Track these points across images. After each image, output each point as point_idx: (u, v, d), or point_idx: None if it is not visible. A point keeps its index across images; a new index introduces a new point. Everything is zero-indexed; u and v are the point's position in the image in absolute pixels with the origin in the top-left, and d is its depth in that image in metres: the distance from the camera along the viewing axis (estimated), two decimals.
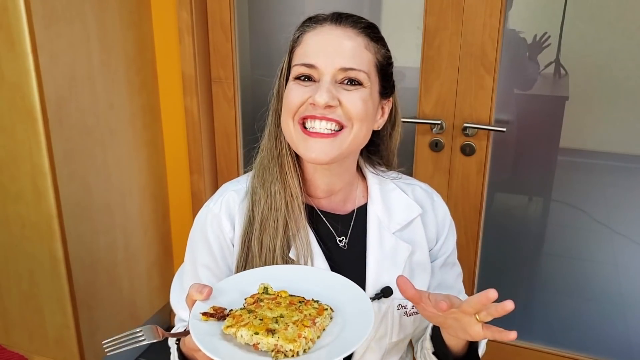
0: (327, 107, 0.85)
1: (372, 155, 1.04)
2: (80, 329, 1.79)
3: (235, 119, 2.00)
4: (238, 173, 2.07)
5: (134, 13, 1.84)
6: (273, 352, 0.68)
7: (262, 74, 2.00)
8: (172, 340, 0.98)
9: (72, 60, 1.62)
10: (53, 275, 1.72)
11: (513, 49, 1.67)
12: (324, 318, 0.73)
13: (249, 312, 0.73)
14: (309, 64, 0.87)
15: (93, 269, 1.82)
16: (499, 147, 1.74)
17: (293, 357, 0.67)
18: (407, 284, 0.76)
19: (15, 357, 1.23)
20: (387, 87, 0.94)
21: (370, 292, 0.94)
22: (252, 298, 0.76)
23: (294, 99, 0.87)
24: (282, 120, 0.91)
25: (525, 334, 1.91)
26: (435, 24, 1.63)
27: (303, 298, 0.76)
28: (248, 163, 1.02)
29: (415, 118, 1.73)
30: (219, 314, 0.73)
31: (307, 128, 0.87)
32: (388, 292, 0.94)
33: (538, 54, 1.66)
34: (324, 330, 0.73)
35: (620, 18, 1.56)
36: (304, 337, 0.69)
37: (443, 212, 1.04)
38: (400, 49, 1.77)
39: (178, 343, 0.88)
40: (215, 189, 1.02)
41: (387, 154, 1.04)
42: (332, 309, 0.75)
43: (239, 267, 0.93)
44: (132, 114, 1.89)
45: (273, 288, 0.78)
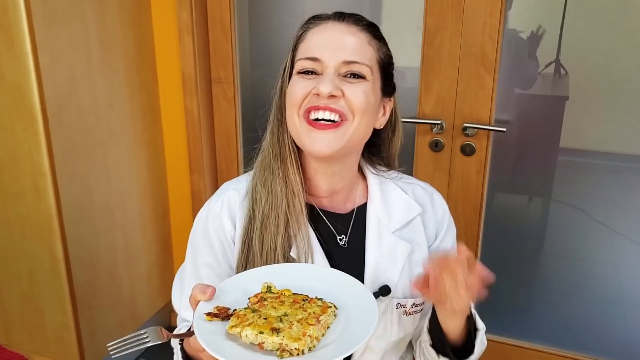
0: (330, 97, 0.86)
1: (373, 157, 1.04)
2: (80, 329, 1.79)
3: (235, 119, 2.00)
4: (238, 173, 2.07)
5: (134, 13, 1.84)
6: (278, 351, 0.68)
7: (262, 74, 2.00)
8: (175, 341, 0.98)
9: (72, 60, 1.62)
10: (53, 275, 1.72)
11: (513, 49, 1.67)
12: (328, 316, 0.73)
13: (253, 311, 0.73)
14: (313, 58, 0.88)
15: (93, 269, 1.82)
16: (499, 147, 1.74)
17: (298, 355, 0.68)
18: (419, 283, 0.80)
19: (15, 357, 1.23)
20: (388, 85, 0.95)
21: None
22: (255, 297, 0.76)
23: (298, 92, 0.88)
24: (286, 115, 0.92)
25: (525, 334, 1.91)
26: (435, 24, 1.63)
27: (306, 296, 0.77)
28: (248, 163, 1.02)
29: (415, 118, 1.73)
30: (223, 314, 0.73)
31: (311, 120, 0.88)
32: (386, 290, 0.94)
33: (536, 48, 1.66)
34: (328, 328, 0.73)
35: (620, 18, 1.56)
36: (309, 335, 0.69)
37: (442, 209, 1.04)
38: (400, 49, 1.77)
39: (182, 343, 0.88)
40: (215, 189, 1.02)
41: (388, 158, 1.05)
42: (335, 307, 0.75)
43: (240, 266, 0.93)
44: (132, 114, 1.89)
45: (276, 287, 0.78)
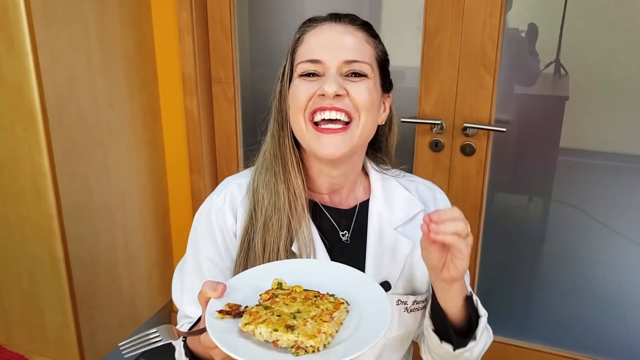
0: (335, 96, 0.87)
1: (376, 153, 1.05)
2: (80, 329, 1.79)
3: (235, 119, 2.00)
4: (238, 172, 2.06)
5: (134, 13, 1.84)
6: (293, 348, 0.67)
7: (262, 74, 2.00)
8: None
9: (72, 60, 1.62)
10: (53, 275, 1.72)
11: (513, 49, 1.67)
12: (341, 312, 0.73)
13: (265, 308, 0.72)
14: (314, 60, 0.89)
15: (93, 269, 1.82)
16: (499, 147, 1.74)
17: (314, 352, 0.67)
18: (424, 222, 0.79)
19: (15, 357, 1.23)
20: (386, 81, 0.97)
21: None
22: (267, 294, 0.76)
23: (302, 94, 0.89)
24: (291, 119, 0.92)
25: (525, 334, 1.91)
26: (435, 24, 1.63)
27: (318, 292, 0.76)
28: (248, 163, 1.02)
29: (415, 118, 1.73)
30: (235, 311, 0.72)
31: (317, 123, 0.88)
32: (387, 286, 0.94)
33: (535, 40, 1.65)
34: (342, 325, 0.72)
35: (620, 18, 1.56)
36: (324, 332, 0.68)
37: (444, 206, 1.04)
38: (400, 49, 1.77)
39: (184, 341, 0.88)
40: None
41: (387, 152, 1.05)
42: (347, 303, 0.75)
43: (239, 266, 0.93)
44: (132, 114, 1.89)
45: (287, 283, 0.78)
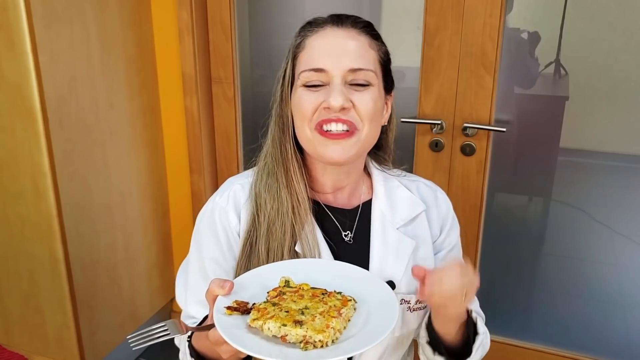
0: (341, 109, 0.86)
1: (377, 151, 1.05)
2: (80, 329, 1.79)
3: (235, 119, 2.00)
4: (238, 173, 2.06)
5: (134, 13, 1.84)
6: (302, 343, 0.68)
7: (262, 74, 2.00)
8: (178, 339, 0.98)
9: (72, 60, 1.62)
10: (53, 275, 1.72)
11: (513, 49, 1.67)
12: (349, 309, 0.73)
13: (273, 304, 0.73)
14: (318, 69, 0.87)
15: (93, 269, 1.82)
16: (499, 147, 1.74)
17: (322, 347, 0.68)
18: (420, 271, 0.81)
19: (15, 357, 1.23)
20: (388, 82, 0.96)
21: None
22: (274, 291, 0.76)
23: (308, 106, 0.88)
24: (297, 127, 0.92)
25: (525, 334, 1.91)
26: (435, 24, 1.63)
27: (325, 290, 0.77)
28: (248, 163, 1.02)
29: (415, 118, 1.73)
30: (243, 308, 0.73)
31: (324, 131, 0.88)
32: (391, 286, 0.94)
33: (536, 46, 1.66)
34: (349, 321, 0.73)
35: (620, 18, 1.56)
36: (332, 327, 0.69)
37: (446, 206, 1.05)
38: (400, 49, 1.77)
39: (189, 340, 0.88)
40: (215, 189, 1.02)
41: (386, 147, 1.05)
42: (355, 300, 0.76)
43: (240, 267, 0.93)
44: (132, 114, 1.89)
45: (294, 281, 0.79)
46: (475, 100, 1.65)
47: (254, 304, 0.74)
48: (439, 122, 1.70)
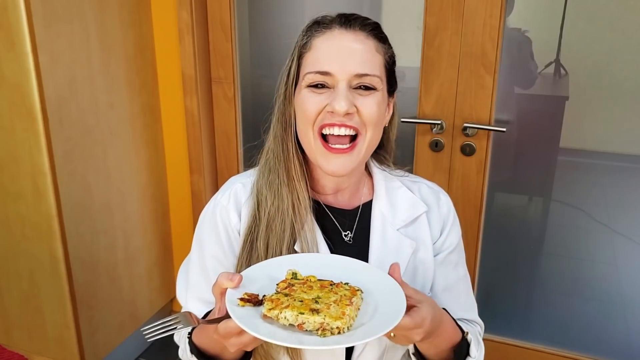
0: (345, 114, 0.86)
1: (378, 150, 1.04)
2: (80, 329, 1.79)
3: (235, 119, 2.00)
4: (238, 173, 2.06)
5: (134, 13, 1.84)
6: (319, 330, 0.69)
7: (262, 74, 2.00)
8: (177, 336, 0.98)
9: (72, 60, 1.62)
10: (53, 275, 1.72)
11: (513, 49, 1.67)
12: (358, 298, 0.75)
13: (285, 295, 0.74)
14: (324, 72, 0.87)
15: (93, 269, 1.82)
16: (499, 147, 1.74)
17: (339, 334, 0.69)
18: (395, 271, 0.80)
19: (15, 357, 1.23)
20: (392, 84, 0.96)
21: None
22: (284, 283, 0.77)
23: (312, 108, 0.88)
24: (299, 128, 0.92)
25: (525, 334, 1.91)
26: (435, 24, 1.63)
27: (332, 281, 0.78)
28: (248, 163, 1.03)
29: (415, 118, 1.73)
30: (255, 300, 0.74)
31: (325, 137, 0.89)
32: None
33: (530, 51, 1.66)
34: (359, 310, 0.75)
35: (620, 18, 1.56)
36: (347, 314, 0.70)
37: (447, 207, 1.04)
38: (400, 49, 1.76)
39: (189, 337, 0.88)
40: (215, 189, 1.02)
41: (388, 146, 1.05)
42: (362, 291, 0.77)
43: (241, 264, 0.93)
44: (132, 114, 1.89)
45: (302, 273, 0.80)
46: (475, 100, 1.65)
47: (264, 296, 0.75)
48: (439, 122, 1.70)
